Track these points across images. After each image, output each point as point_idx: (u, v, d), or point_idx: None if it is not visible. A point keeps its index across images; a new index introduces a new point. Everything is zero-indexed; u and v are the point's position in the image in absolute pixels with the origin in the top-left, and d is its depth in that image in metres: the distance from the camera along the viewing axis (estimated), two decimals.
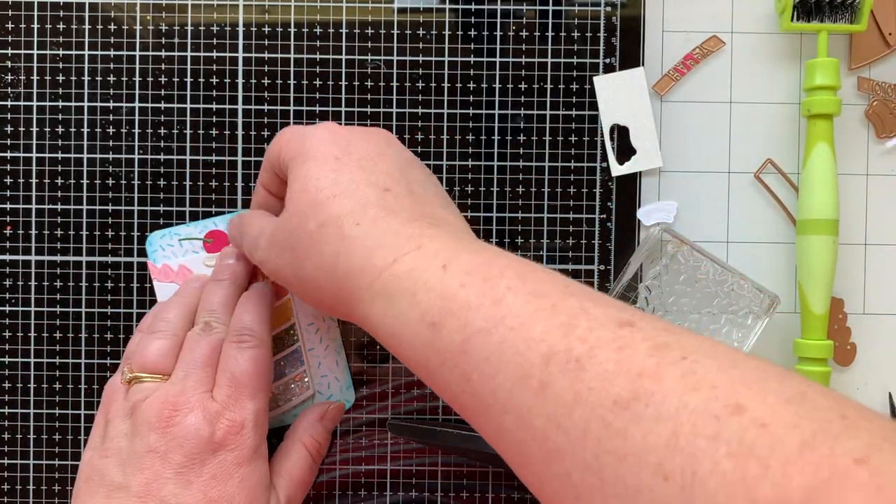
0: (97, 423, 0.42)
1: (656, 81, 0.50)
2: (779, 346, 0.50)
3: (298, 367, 0.48)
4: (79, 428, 0.49)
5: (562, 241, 0.50)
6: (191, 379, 0.40)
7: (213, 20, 0.49)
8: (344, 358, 0.49)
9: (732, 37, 0.50)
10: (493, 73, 0.50)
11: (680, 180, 0.50)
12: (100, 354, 0.49)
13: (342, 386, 0.48)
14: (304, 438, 0.45)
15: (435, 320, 0.32)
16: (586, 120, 0.50)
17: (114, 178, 0.49)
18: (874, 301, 0.50)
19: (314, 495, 0.49)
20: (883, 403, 0.50)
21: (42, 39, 0.49)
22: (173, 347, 0.42)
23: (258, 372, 0.42)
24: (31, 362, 0.49)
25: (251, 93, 0.49)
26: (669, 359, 0.27)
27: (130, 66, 0.49)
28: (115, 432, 0.40)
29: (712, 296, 0.48)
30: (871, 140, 0.50)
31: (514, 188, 0.50)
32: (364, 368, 0.49)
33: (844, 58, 0.50)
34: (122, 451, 0.39)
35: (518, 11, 0.49)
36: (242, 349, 0.42)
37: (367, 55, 0.49)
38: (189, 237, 0.49)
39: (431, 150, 0.49)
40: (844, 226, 0.49)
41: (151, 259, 0.49)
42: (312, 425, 0.46)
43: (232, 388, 0.41)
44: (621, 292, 0.48)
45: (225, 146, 0.49)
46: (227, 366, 0.41)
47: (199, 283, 0.46)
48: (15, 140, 0.49)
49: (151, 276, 0.48)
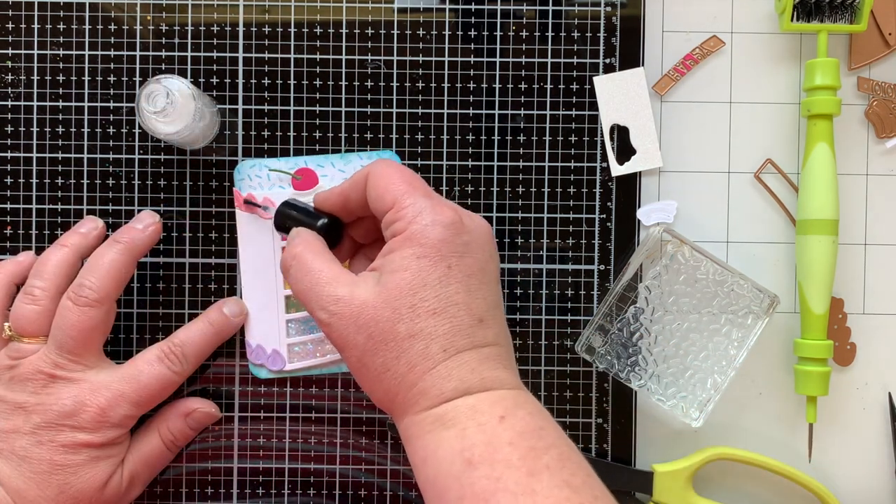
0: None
1: (656, 81, 0.50)
2: (779, 346, 0.50)
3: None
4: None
5: (562, 241, 0.50)
6: (65, 350, 0.44)
7: (213, 20, 0.49)
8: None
9: (732, 37, 0.50)
10: (493, 73, 0.50)
11: (680, 180, 0.50)
12: None
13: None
14: (162, 428, 0.48)
15: (474, 460, 0.33)
16: (586, 120, 0.50)
17: (114, 178, 0.49)
18: (874, 301, 0.50)
19: (315, 494, 0.49)
20: (883, 403, 0.50)
21: (42, 39, 0.49)
22: (46, 311, 0.44)
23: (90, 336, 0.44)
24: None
25: (251, 93, 0.49)
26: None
27: (130, 66, 0.49)
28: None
29: (712, 296, 0.48)
30: (871, 140, 0.50)
31: (514, 188, 0.50)
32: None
33: (844, 58, 0.50)
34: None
35: (518, 11, 0.49)
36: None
37: (367, 55, 0.49)
38: (278, 169, 0.49)
39: (431, 150, 0.49)
40: (844, 226, 0.49)
41: (237, 187, 0.49)
42: (175, 419, 0.48)
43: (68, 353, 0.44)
44: (621, 292, 0.48)
45: (225, 146, 0.49)
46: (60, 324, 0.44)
47: (79, 239, 0.47)
48: (15, 140, 0.49)
49: (235, 204, 0.49)
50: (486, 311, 0.37)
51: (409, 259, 0.36)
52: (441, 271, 0.36)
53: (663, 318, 0.48)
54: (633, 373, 0.48)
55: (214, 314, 0.47)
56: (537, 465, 0.33)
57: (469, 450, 0.34)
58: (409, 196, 0.38)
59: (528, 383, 0.49)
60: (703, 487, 0.50)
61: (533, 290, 0.50)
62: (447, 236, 0.37)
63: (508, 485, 0.32)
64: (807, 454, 0.49)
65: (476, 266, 0.38)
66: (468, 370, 0.36)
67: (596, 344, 0.48)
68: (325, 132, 0.49)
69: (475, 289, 0.37)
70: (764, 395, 0.50)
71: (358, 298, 0.37)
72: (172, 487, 0.49)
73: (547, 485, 0.33)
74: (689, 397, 0.48)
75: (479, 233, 0.39)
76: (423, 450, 0.35)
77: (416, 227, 0.37)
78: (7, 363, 0.44)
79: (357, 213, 0.43)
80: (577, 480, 0.33)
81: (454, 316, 0.36)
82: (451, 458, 0.34)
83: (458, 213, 0.38)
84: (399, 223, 0.37)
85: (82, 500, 0.43)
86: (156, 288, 0.49)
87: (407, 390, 0.36)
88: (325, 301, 0.37)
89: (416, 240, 0.37)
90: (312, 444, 0.49)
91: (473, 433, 0.34)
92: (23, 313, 0.44)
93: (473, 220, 0.39)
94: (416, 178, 0.39)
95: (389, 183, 0.39)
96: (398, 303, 0.36)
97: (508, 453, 0.33)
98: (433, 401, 0.36)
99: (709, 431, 0.50)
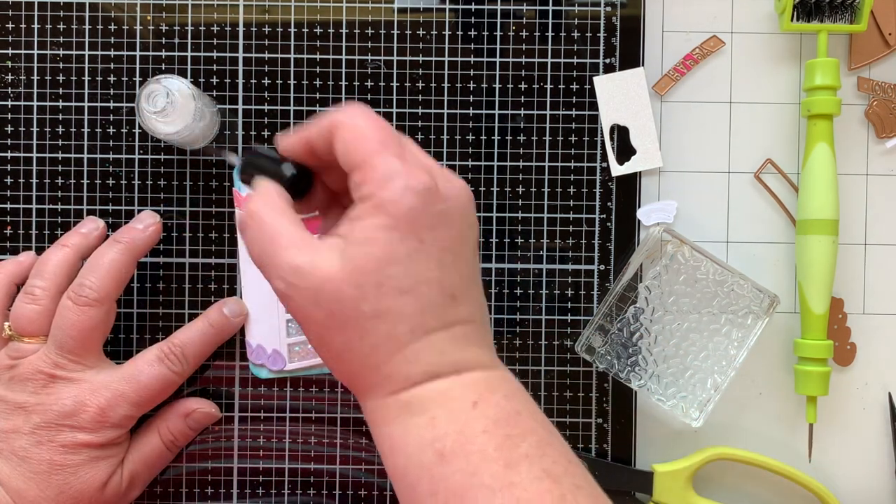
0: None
1: (656, 81, 0.50)
2: (779, 346, 0.50)
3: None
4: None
5: (562, 241, 0.50)
6: (65, 350, 0.44)
7: (213, 20, 0.49)
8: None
9: (732, 37, 0.50)
10: (493, 73, 0.50)
11: (680, 180, 0.50)
12: None
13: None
14: (162, 429, 0.47)
15: (446, 451, 0.31)
16: (586, 120, 0.50)
17: (114, 178, 0.49)
18: (874, 301, 0.50)
19: (315, 494, 0.49)
20: (883, 403, 0.50)
21: (42, 39, 0.49)
22: (46, 311, 0.44)
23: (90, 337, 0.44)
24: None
25: (251, 93, 0.49)
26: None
27: (130, 66, 0.49)
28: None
29: (712, 296, 0.48)
30: (871, 140, 0.50)
31: (514, 188, 0.50)
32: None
33: (844, 58, 0.50)
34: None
35: (518, 11, 0.49)
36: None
37: (367, 55, 0.49)
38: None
39: (431, 151, 0.49)
40: (844, 226, 0.49)
41: (237, 187, 0.49)
42: (175, 419, 0.48)
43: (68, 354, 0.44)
44: (621, 292, 0.48)
45: (225, 146, 0.49)
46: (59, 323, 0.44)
47: (80, 238, 0.47)
48: (15, 140, 0.49)
49: (235, 204, 0.49)
50: (460, 286, 0.34)
51: (378, 230, 0.32)
52: (412, 245, 0.32)
53: (663, 318, 0.48)
54: (633, 373, 0.48)
55: (214, 314, 0.47)
56: (514, 455, 0.31)
57: (441, 440, 0.31)
58: (380, 156, 0.33)
59: (527, 383, 0.49)
60: (703, 487, 0.50)
61: (533, 290, 0.50)
62: (419, 205, 0.32)
63: (484, 479, 0.30)
64: (807, 454, 0.49)
65: (451, 238, 0.33)
66: (438, 352, 0.33)
67: (596, 344, 0.48)
68: None
69: (449, 263, 0.33)
70: (764, 395, 0.50)
71: (319, 270, 0.32)
72: (172, 487, 0.49)
73: (526, 476, 0.30)
74: (689, 397, 0.48)
75: (457, 201, 0.34)
76: (390, 438, 0.33)
77: (387, 195, 0.32)
78: (7, 363, 0.44)
79: (326, 160, 0.37)
80: (558, 469, 0.31)
81: (424, 294, 0.32)
82: (421, 449, 0.31)
83: (433, 177, 0.33)
84: (367, 186, 0.33)
85: (82, 500, 0.43)
86: (156, 288, 0.49)
87: (370, 372, 0.33)
88: (283, 270, 0.33)
89: (386, 208, 0.32)
90: (312, 444, 0.49)
91: (444, 422, 0.32)
92: (23, 313, 0.44)
93: (452, 183, 0.34)
94: (389, 132, 0.34)
95: (359, 138, 0.34)
96: (363, 279, 0.32)
97: (483, 443, 0.31)
98: (399, 384, 0.33)
99: (709, 431, 0.50)
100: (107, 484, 0.44)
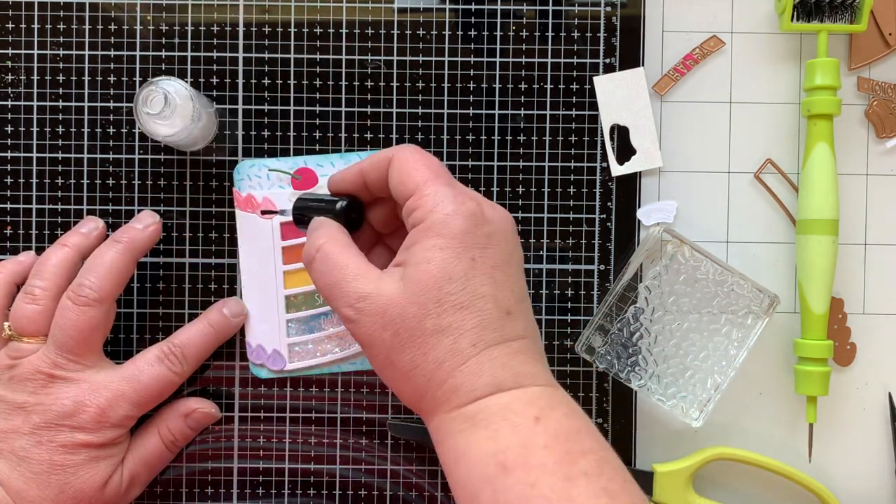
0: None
1: (656, 81, 0.50)
2: (779, 346, 0.50)
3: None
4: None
5: (562, 241, 0.50)
6: (64, 350, 0.44)
7: (213, 20, 0.49)
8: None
9: (732, 37, 0.50)
10: (493, 73, 0.50)
11: (680, 180, 0.50)
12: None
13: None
14: (162, 429, 0.47)
15: (507, 463, 0.33)
16: (586, 120, 0.50)
17: (114, 178, 0.49)
18: (874, 301, 0.50)
19: (315, 494, 0.49)
20: (883, 403, 0.50)
21: (42, 39, 0.49)
22: (46, 311, 0.44)
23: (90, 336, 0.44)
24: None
25: (251, 93, 0.49)
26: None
27: (130, 66, 0.49)
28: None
29: (712, 296, 0.48)
30: (871, 140, 0.50)
31: (514, 188, 0.50)
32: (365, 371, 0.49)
33: (844, 58, 0.50)
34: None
35: (518, 11, 0.49)
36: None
37: (367, 55, 0.49)
38: (278, 169, 0.49)
39: (431, 151, 0.49)
40: (844, 226, 0.49)
41: (237, 187, 0.49)
42: (176, 419, 0.48)
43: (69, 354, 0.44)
44: (621, 292, 0.48)
45: (225, 146, 0.49)
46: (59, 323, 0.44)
47: (80, 238, 0.47)
48: (15, 140, 0.49)
49: (235, 204, 0.49)
50: (514, 302, 0.36)
51: (432, 251, 0.35)
52: (465, 263, 0.35)
53: (663, 318, 0.48)
54: (633, 373, 0.48)
55: (214, 315, 0.47)
56: (573, 471, 0.32)
57: (503, 452, 0.33)
58: (432, 184, 0.37)
59: None
60: (703, 487, 0.50)
61: (533, 290, 0.50)
62: (469, 227, 0.36)
63: (544, 491, 0.31)
64: (807, 454, 0.49)
65: (500, 257, 0.37)
66: (499, 365, 0.35)
67: (596, 344, 0.48)
68: (325, 132, 0.49)
69: (501, 281, 0.36)
70: (764, 395, 0.50)
71: (384, 295, 0.36)
72: (172, 487, 0.49)
73: (584, 492, 0.32)
74: (689, 397, 0.48)
75: (501, 224, 0.38)
76: (455, 451, 0.34)
77: (437, 217, 0.36)
78: (7, 363, 0.44)
79: (375, 193, 0.41)
80: (614, 487, 0.32)
81: (481, 309, 0.35)
82: (484, 461, 0.33)
83: (479, 203, 0.37)
84: (419, 211, 0.36)
85: (82, 500, 0.43)
86: (156, 288, 0.49)
87: (436, 388, 0.35)
88: (352, 298, 0.36)
89: (437, 230, 0.36)
90: (312, 444, 0.49)
91: (507, 435, 0.33)
92: (23, 313, 0.44)
93: (496, 210, 0.38)
94: (440, 166, 0.38)
95: (413, 169, 0.38)
96: (424, 297, 0.35)
97: (544, 457, 0.32)
98: (464, 398, 0.35)
99: (709, 431, 0.50)
100: (107, 484, 0.44)
